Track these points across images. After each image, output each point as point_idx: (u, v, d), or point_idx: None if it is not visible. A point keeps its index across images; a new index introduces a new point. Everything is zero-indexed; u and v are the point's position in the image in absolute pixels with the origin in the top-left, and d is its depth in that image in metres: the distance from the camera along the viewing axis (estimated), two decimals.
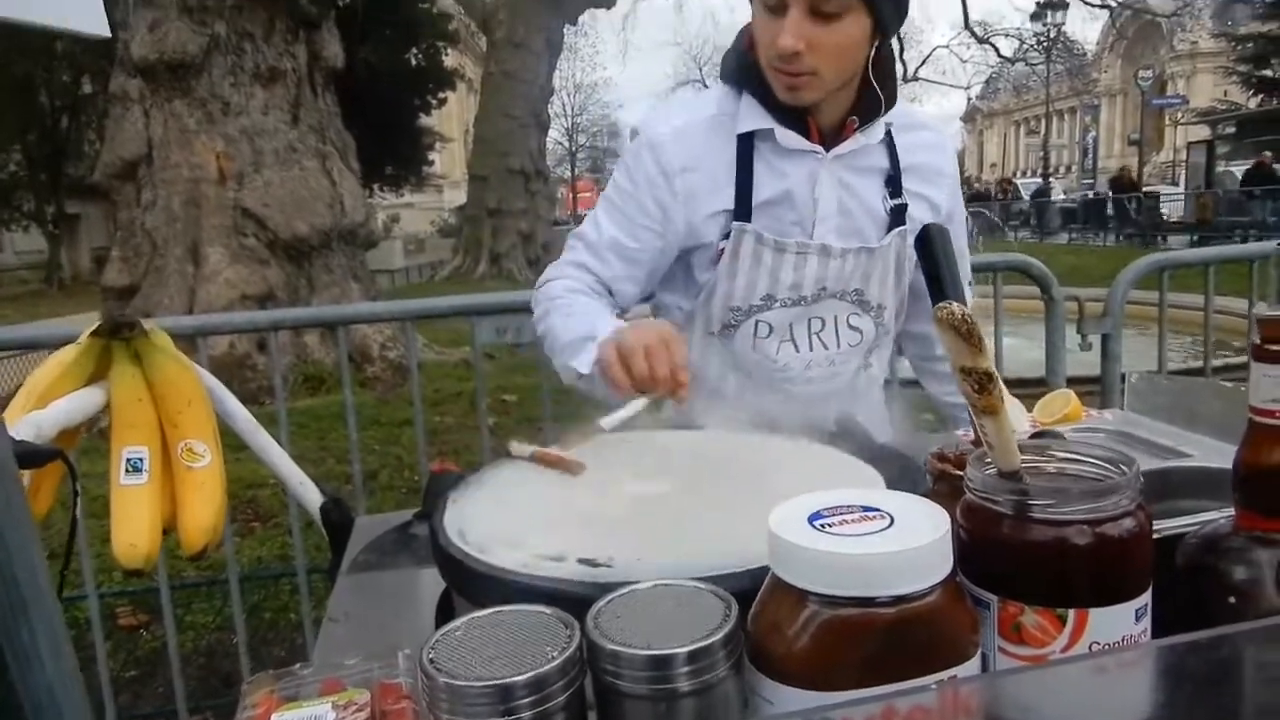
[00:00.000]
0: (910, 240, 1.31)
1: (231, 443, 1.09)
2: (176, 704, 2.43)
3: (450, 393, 6.02)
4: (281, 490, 4.00)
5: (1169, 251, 2.75)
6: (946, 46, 22.95)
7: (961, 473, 0.70)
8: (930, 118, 1.40)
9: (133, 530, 0.88)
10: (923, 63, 24.20)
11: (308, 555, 2.56)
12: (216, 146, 6.44)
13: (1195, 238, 17.48)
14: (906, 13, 1.21)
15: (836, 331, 1.31)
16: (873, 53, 1.19)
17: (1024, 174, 53.36)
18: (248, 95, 6.58)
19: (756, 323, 1.28)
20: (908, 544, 0.51)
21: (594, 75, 43.27)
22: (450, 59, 22.14)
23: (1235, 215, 17.56)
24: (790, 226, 1.26)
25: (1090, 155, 45.68)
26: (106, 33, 0.66)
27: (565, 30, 16.82)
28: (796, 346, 1.30)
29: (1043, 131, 33.58)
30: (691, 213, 1.26)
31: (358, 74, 11.11)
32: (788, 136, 1.22)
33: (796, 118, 1.22)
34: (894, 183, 1.29)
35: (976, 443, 0.77)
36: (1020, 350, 3.49)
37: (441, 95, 21.25)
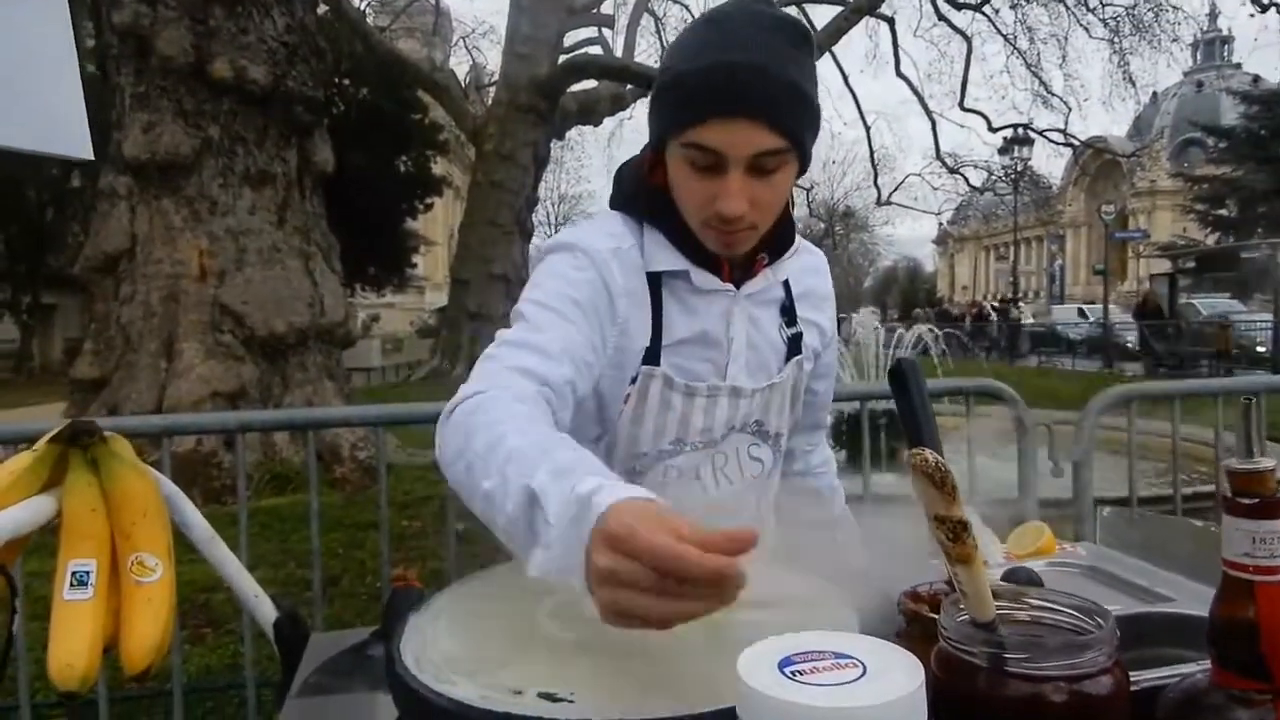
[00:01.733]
0: (804, 369, 1.30)
1: (188, 544, 1.05)
2: None
3: (420, 496, 5.91)
4: (236, 596, 3.86)
5: (1137, 382, 2.80)
6: (919, 175, 24.01)
7: (933, 615, 0.69)
8: (806, 244, 1.32)
9: (71, 650, 0.83)
10: (896, 188, 25.19)
11: (259, 666, 2.45)
12: (201, 244, 6.49)
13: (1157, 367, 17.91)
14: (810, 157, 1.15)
15: (739, 464, 1.26)
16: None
17: (994, 297, 54.83)
18: (236, 196, 6.69)
19: (665, 468, 1.20)
20: (880, 697, 0.49)
21: (578, 187, 44.45)
22: (439, 166, 22.76)
23: (1197, 346, 18.04)
24: (702, 366, 1.19)
25: (1058, 282, 47.15)
26: (90, 156, 0.67)
27: (552, 144, 17.37)
28: (704, 487, 1.23)
29: (1011, 258, 34.72)
30: (624, 344, 1.14)
31: (347, 177, 11.38)
32: (703, 277, 1.16)
33: (708, 257, 1.16)
34: (789, 312, 1.27)
35: (951, 585, 0.76)
36: (991, 470, 3.51)
37: (428, 201, 21.75)
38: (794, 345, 1.27)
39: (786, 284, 1.27)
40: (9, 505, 0.82)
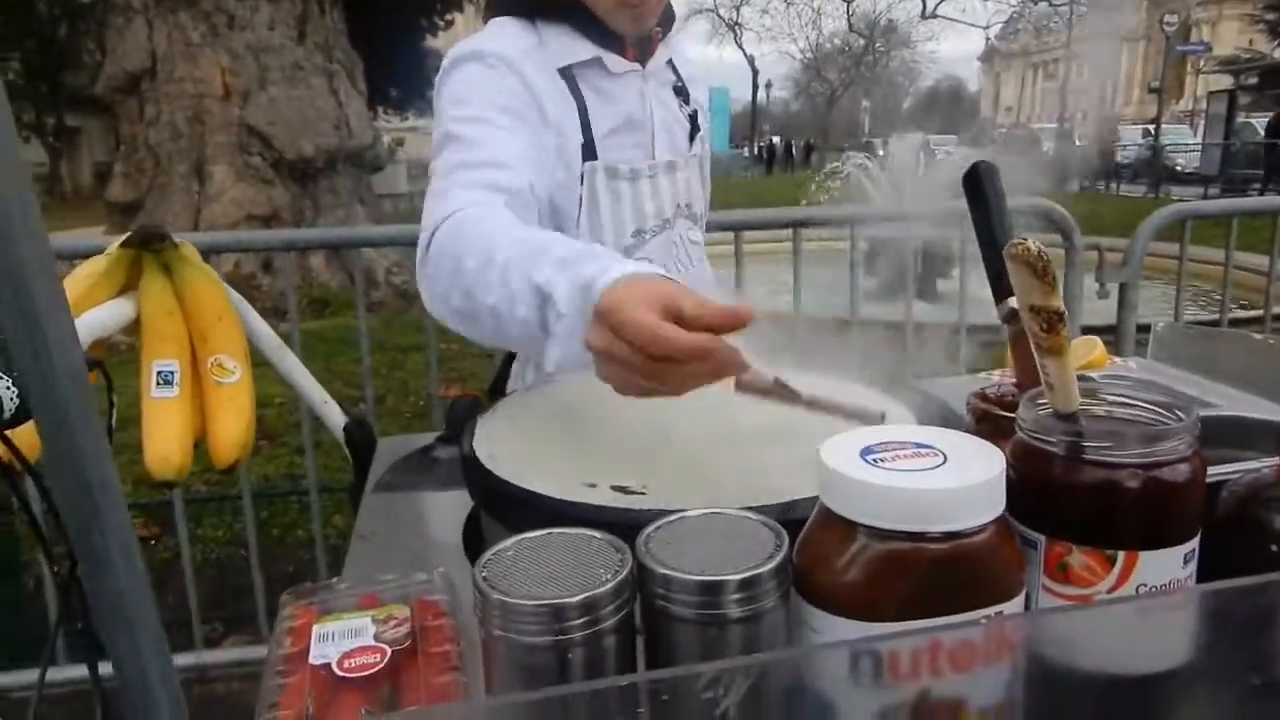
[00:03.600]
0: (705, 147, 1.32)
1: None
2: (190, 612, 2.48)
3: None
4: (288, 410, 4.02)
5: (1193, 203, 2.71)
6: None
7: (1005, 413, 0.70)
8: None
9: (165, 443, 0.88)
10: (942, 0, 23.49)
11: (318, 474, 2.59)
12: (222, 62, 6.31)
13: (1209, 191, 17.28)
14: None
15: (687, 251, 1.29)
16: None
17: (1040, 119, 52.42)
18: (253, 9, 6.43)
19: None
20: (962, 481, 0.51)
21: None
22: None
23: (1253, 168, 17.31)
24: (634, 151, 1.19)
25: (1108, 102, 44.81)
26: None
27: None
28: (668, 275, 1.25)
29: (1061, 74, 32.90)
30: (561, 145, 1.12)
31: None
32: (615, 60, 1.16)
33: (612, 41, 1.15)
34: (683, 93, 1.29)
35: (1020, 385, 0.76)
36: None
37: (449, 17, 20.77)
38: (694, 123, 1.30)
39: (673, 66, 1.29)
40: (90, 307, 0.84)
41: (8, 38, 18.04)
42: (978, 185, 0.83)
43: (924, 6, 22.36)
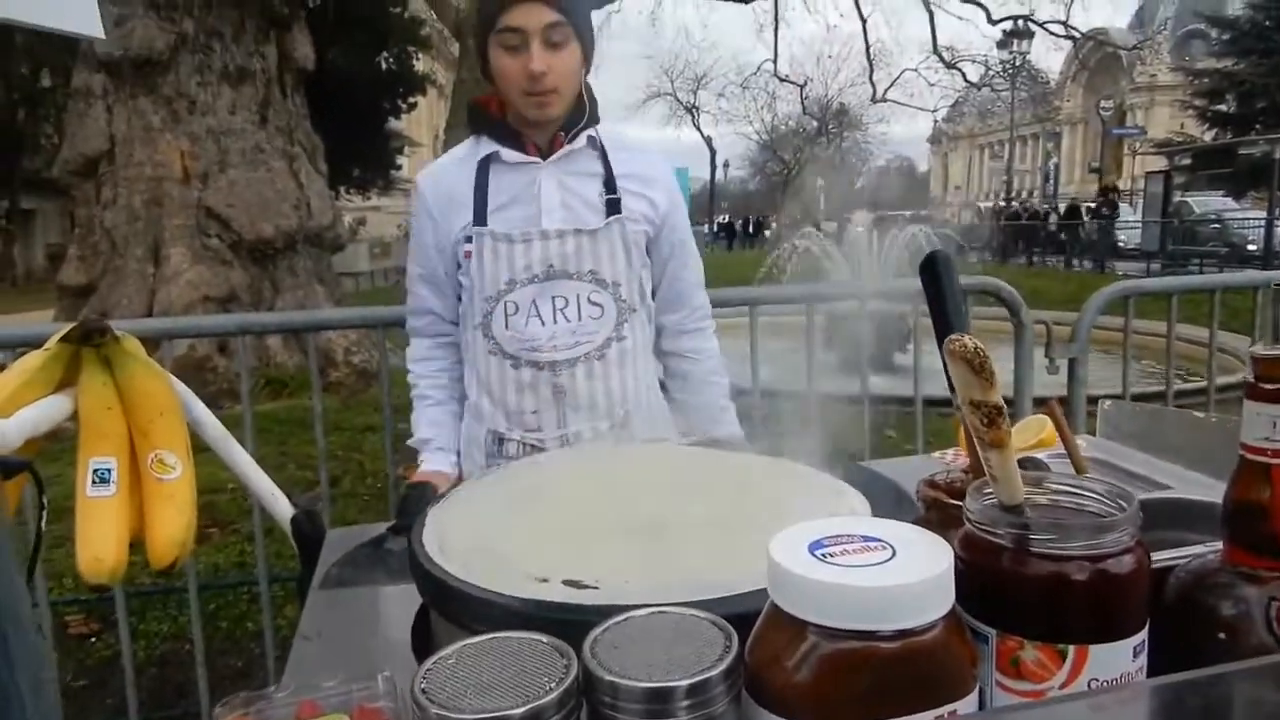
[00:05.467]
0: (629, 228, 1.56)
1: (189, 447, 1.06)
2: (129, 715, 2.36)
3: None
4: (241, 496, 3.91)
5: (1136, 280, 2.80)
6: (915, 70, 23.24)
7: (954, 502, 0.70)
8: (645, 148, 1.69)
9: (99, 544, 0.85)
10: (891, 85, 24.48)
11: (267, 563, 2.51)
12: (182, 145, 6.32)
13: (1151, 266, 17.92)
14: (594, 49, 1.57)
15: (579, 308, 1.55)
16: (584, 78, 1.56)
17: (987, 197, 54.27)
18: (215, 94, 6.48)
19: (505, 303, 1.53)
20: (911, 577, 0.50)
21: None
22: (421, 64, 22.01)
23: (1190, 244, 18.02)
24: (519, 222, 1.53)
25: (1052, 181, 46.63)
26: (101, 34, 0.63)
27: None
28: (542, 320, 1.54)
29: (1006, 156, 34.23)
30: (448, 231, 1.56)
31: (327, 76, 10.99)
32: (510, 154, 1.54)
33: (516, 141, 1.55)
34: (609, 184, 1.57)
35: (970, 471, 0.77)
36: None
37: (412, 100, 21.12)
38: (613, 207, 1.56)
39: (608, 164, 1.58)
40: (25, 404, 0.82)
41: None
42: (934, 274, 0.85)
43: (874, 91, 23.27)
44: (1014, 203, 31.04)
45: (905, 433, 3.27)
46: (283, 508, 1.14)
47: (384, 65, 19.37)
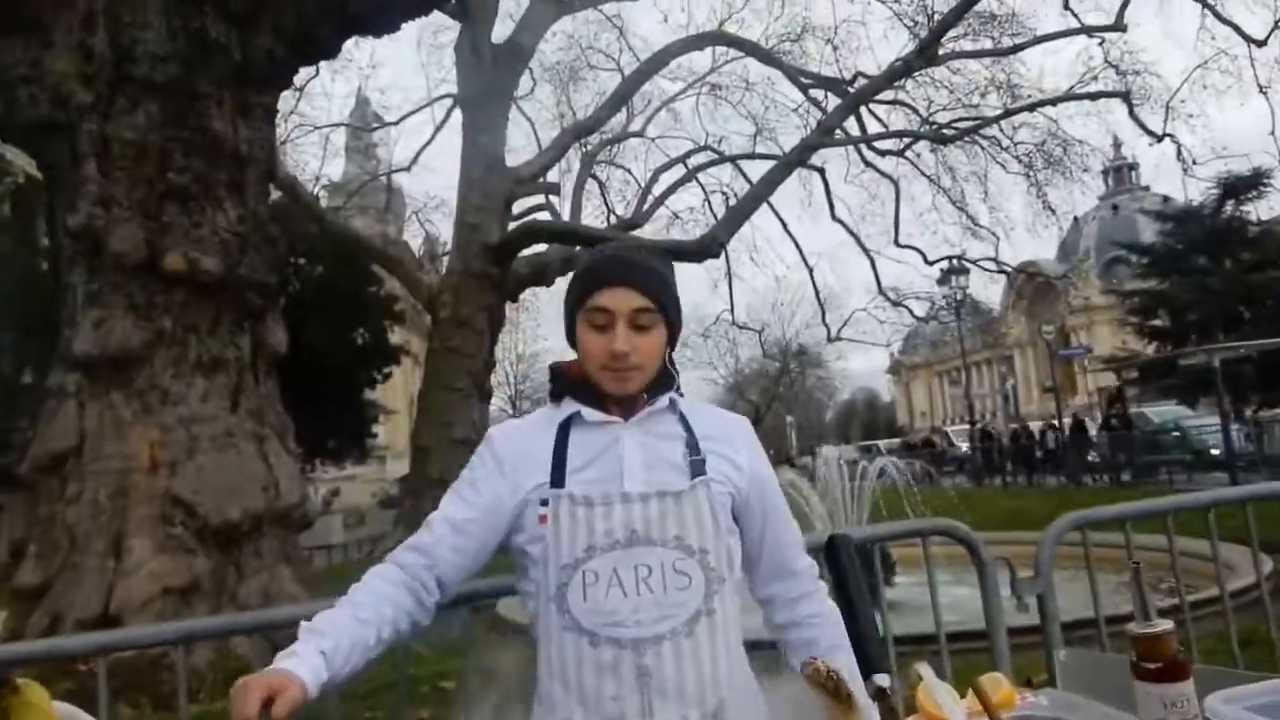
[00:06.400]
0: (716, 490, 1.50)
1: None
2: None
3: (383, 683, 5.61)
4: None
5: (1086, 510, 2.83)
6: (865, 309, 24.55)
7: None
8: (724, 410, 1.71)
9: None
10: (844, 324, 25.69)
11: None
12: (152, 436, 6.40)
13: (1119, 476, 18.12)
14: (682, 326, 1.59)
15: (664, 577, 1.44)
16: (668, 352, 1.57)
17: (952, 421, 55.62)
18: (188, 385, 6.65)
19: (584, 572, 1.44)
20: None
21: (536, 346, 44.88)
22: (396, 336, 22.98)
23: (1153, 454, 18.35)
24: (599, 484, 1.48)
25: (1011, 402, 48.11)
26: None
27: (507, 307, 17.72)
28: (624, 591, 1.43)
29: (964, 382, 35.55)
30: (516, 489, 1.50)
31: (304, 352, 11.39)
32: (592, 413, 1.52)
33: (598, 402, 1.52)
34: (692, 444, 1.54)
35: None
36: (965, 601, 3.46)
37: (387, 370, 21.81)
38: (698, 467, 1.51)
39: (689, 427, 1.55)
40: None
41: None
42: (835, 557, 0.87)
43: (828, 332, 24.45)
44: (977, 425, 31.73)
45: None
46: None
47: (360, 339, 20.18)
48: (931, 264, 21.69)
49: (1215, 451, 17.16)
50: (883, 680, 0.81)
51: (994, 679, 1.32)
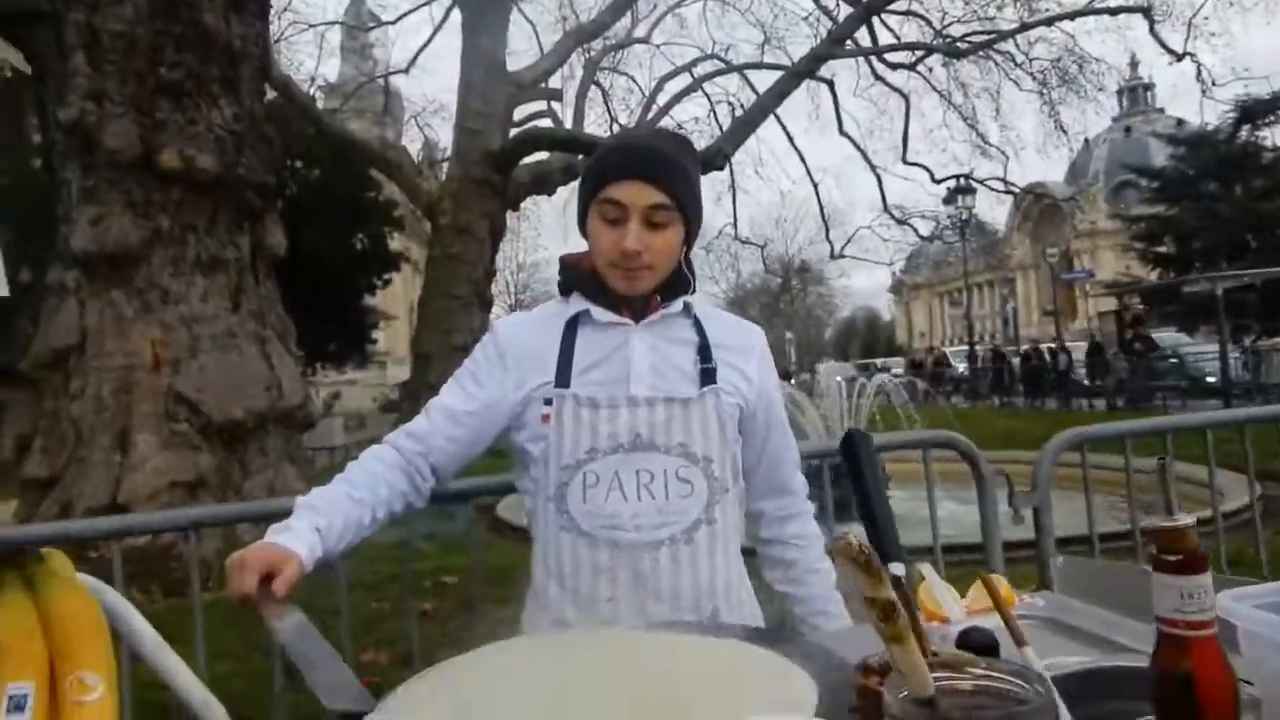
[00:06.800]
0: (725, 400, 1.46)
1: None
2: None
3: (386, 575, 5.77)
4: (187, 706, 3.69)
5: (1089, 425, 2.86)
6: (869, 227, 24.31)
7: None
8: (739, 318, 1.62)
9: None
10: (847, 242, 25.43)
11: None
12: (153, 334, 6.40)
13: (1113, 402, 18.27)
14: (701, 224, 1.50)
15: (666, 484, 1.41)
16: (684, 252, 1.49)
17: (951, 342, 55.81)
18: (188, 284, 6.62)
19: (585, 474, 1.41)
20: None
21: (536, 255, 44.68)
22: (396, 242, 22.80)
23: (1152, 380, 18.43)
24: (606, 386, 1.43)
25: (1011, 324, 48.16)
26: (6, 293, 0.66)
27: (508, 215, 17.53)
28: (625, 495, 1.40)
29: (965, 303, 35.55)
30: (520, 385, 1.46)
31: (304, 256, 11.31)
32: (601, 313, 1.46)
33: (608, 301, 1.46)
34: (704, 351, 1.49)
35: None
36: (960, 516, 3.53)
37: (386, 276, 21.73)
38: (708, 376, 1.47)
39: (702, 332, 1.50)
40: None
41: None
42: (853, 452, 0.87)
43: (831, 248, 24.25)
44: (976, 346, 31.79)
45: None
46: (217, 718, 1.09)
47: (359, 245, 20.02)
48: (939, 182, 21.41)
49: (1211, 379, 17.25)
50: (898, 569, 0.83)
51: (995, 579, 1.35)
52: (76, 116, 6.38)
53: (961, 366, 30.49)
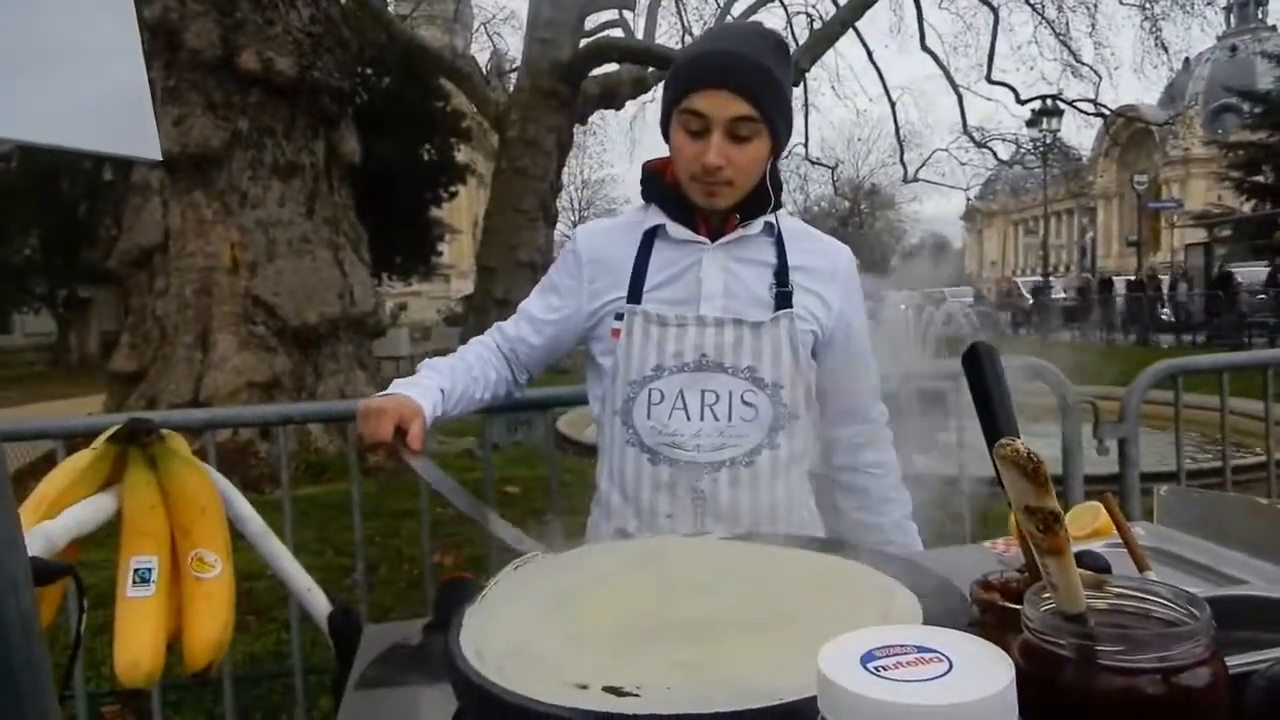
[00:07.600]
0: (799, 326, 1.43)
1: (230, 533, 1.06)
2: None
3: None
4: (279, 583, 3.89)
5: (1185, 357, 2.74)
6: (946, 150, 23.35)
7: (1011, 605, 0.67)
8: (828, 237, 1.57)
9: (137, 648, 0.84)
10: (923, 165, 24.48)
11: (304, 653, 2.48)
12: (232, 237, 6.54)
13: (1195, 338, 17.58)
14: (791, 134, 1.46)
15: (730, 406, 1.40)
16: (769, 166, 1.43)
17: (1023, 272, 54.13)
18: (265, 188, 6.73)
19: (650, 390, 1.41)
20: (970, 694, 0.48)
21: (601, 172, 44.28)
22: (462, 154, 22.76)
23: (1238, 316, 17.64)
24: (676, 306, 1.43)
25: (1089, 255, 46.41)
26: (158, 156, 0.66)
27: (575, 130, 17.28)
28: (688, 415, 1.40)
29: (1041, 232, 34.24)
30: (594, 297, 1.47)
31: (371, 166, 11.37)
32: (677, 229, 1.44)
33: (686, 216, 1.44)
34: (780, 275, 1.45)
35: (1026, 570, 0.74)
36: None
37: (453, 189, 21.78)
38: (783, 300, 1.43)
39: (783, 253, 1.46)
40: (71, 504, 0.83)
41: (30, 216, 18.83)
42: (977, 366, 0.83)
43: (905, 172, 23.43)
44: (1050, 277, 30.73)
45: (951, 514, 3.19)
46: (319, 604, 1.12)
47: (426, 156, 20.05)
48: (1023, 103, 20.35)
49: None
50: None
51: (1093, 508, 1.31)
52: (160, 15, 6.44)
53: (1030, 298, 29.46)
